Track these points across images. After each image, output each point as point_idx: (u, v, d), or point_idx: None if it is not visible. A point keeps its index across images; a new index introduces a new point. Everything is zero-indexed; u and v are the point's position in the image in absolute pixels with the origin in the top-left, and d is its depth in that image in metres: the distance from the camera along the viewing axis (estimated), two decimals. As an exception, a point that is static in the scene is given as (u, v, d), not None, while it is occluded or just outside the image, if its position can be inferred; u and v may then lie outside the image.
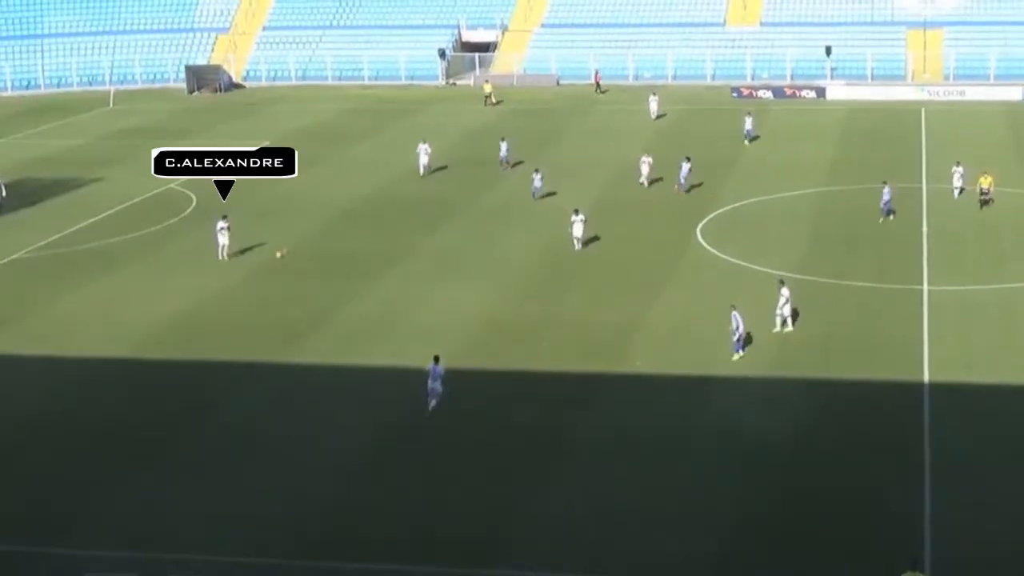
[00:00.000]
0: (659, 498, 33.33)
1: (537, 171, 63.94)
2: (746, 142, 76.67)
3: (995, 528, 31.31)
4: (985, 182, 59.36)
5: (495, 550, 31.10)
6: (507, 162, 70.45)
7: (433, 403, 38.08)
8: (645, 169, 65.71)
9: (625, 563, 30.37)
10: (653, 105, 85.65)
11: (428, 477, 34.85)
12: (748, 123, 77.53)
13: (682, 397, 39.77)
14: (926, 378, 40.39)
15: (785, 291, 44.00)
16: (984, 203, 58.99)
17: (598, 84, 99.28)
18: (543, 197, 62.88)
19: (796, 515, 32.28)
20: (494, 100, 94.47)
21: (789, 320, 44.11)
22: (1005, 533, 31.08)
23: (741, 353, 41.93)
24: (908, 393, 39.29)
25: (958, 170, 61.69)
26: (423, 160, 69.40)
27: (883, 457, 35.04)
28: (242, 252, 55.34)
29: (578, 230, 54.17)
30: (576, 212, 54.48)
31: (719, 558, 30.54)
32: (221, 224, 54.54)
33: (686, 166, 64.00)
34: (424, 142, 70.25)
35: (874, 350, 42.82)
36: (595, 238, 55.84)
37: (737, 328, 41.86)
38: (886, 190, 58.02)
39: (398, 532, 32.01)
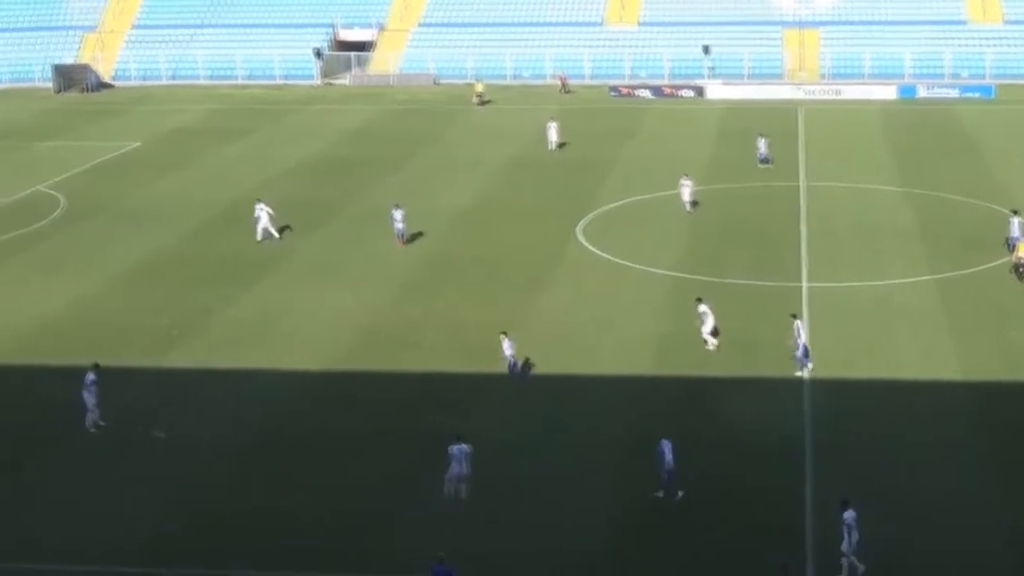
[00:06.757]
0: (538, 498, 32.87)
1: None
2: (768, 166, 68.76)
3: (876, 524, 30.95)
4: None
5: (381, 556, 30.49)
6: (402, 235, 56.10)
7: (463, 488, 33.10)
8: (686, 194, 59.84)
9: (510, 562, 29.95)
10: (553, 135, 76.21)
11: (305, 482, 34.07)
12: (762, 145, 70.05)
13: (562, 397, 39.32)
14: (805, 375, 40.40)
15: (703, 307, 42.76)
16: (1022, 275, 48.87)
17: (564, 85, 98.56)
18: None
19: (675, 515, 32.00)
20: (484, 99, 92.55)
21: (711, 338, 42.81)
22: (886, 529, 30.88)
23: (809, 366, 40.22)
24: (788, 390, 39.24)
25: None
26: (263, 222, 56.91)
27: (764, 456, 34.85)
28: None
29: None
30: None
31: (599, 557, 30.28)
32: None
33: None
34: (260, 201, 57.96)
35: (753, 347, 42.81)
36: (473, 237, 55.08)
37: (798, 338, 40.37)
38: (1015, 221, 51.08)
39: (279, 537, 31.22)
